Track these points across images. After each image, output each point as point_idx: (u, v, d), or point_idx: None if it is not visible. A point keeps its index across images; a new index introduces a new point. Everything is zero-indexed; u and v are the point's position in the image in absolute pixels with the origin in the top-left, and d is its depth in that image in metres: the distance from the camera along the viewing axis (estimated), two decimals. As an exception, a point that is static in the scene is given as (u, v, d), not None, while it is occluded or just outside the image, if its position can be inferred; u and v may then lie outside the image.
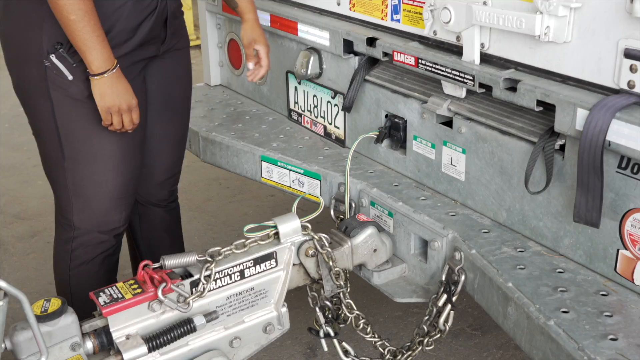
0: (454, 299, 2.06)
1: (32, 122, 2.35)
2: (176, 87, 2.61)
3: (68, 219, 2.41)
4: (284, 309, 2.11)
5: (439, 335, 2.15)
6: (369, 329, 2.25)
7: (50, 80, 2.20)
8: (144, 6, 2.26)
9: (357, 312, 2.22)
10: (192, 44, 9.12)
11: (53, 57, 2.17)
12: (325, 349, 2.28)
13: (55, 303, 1.81)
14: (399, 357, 2.26)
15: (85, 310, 1.95)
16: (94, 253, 2.45)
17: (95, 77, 2.15)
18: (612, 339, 1.65)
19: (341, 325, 2.29)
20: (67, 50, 2.16)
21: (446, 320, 2.11)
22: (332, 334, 2.26)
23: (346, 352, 2.30)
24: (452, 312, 2.09)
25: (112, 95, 2.18)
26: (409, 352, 2.24)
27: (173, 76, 2.57)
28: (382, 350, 2.29)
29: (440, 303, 2.08)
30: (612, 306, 1.78)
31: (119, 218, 2.44)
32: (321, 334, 2.26)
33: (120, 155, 2.35)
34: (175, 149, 2.70)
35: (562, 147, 1.92)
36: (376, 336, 2.27)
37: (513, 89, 1.96)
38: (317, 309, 2.25)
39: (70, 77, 2.19)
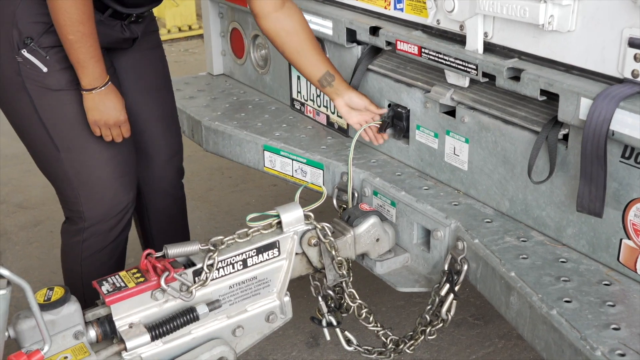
0: (456, 288, 2.06)
1: (15, 121, 2.35)
2: (149, 66, 2.62)
3: (78, 211, 2.40)
4: (287, 298, 2.11)
5: (441, 324, 2.15)
6: (371, 318, 2.25)
7: (24, 75, 2.22)
8: (110, 28, 2.34)
9: (360, 301, 2.22)
10: (194, 33, 9.05)
11: (25, 52, 2.19)
12: (328, 338, 2.29)
13: (58, 292, 1.82)
14: (401, 346, 2.27)
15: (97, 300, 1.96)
16: (106, 241, 2.45)
17: (84, 92, 2.23)
18: (614, 329, 1.65)
19: (344, 315, 2.29)
20: (39, 44, 2.18)
21: (449, 310, 2.11)
22: (334, 323, 2.26)
23: (349, 341, 2.31)
24: (454, 301, 2.09)
25: (99, 110, 2.24)
26: (411, 342, 2.25)
27: (143, 57, 2.58)
28: (384, 340, 2.29)
29: (443, 292, 2.08)
30: (614, 296, 1.78)
31: (127, 197, 2.45)
32: (324, 323, 2.26)
33: None
34: (167, 126, 2.70)
35: (566, 137, 1.92)
36: (378, 325, 2.28)
37: (516, 78, 1.96)
38: (320, 298, 2.25)
39: (44, 70, 2.21)
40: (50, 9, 2.11)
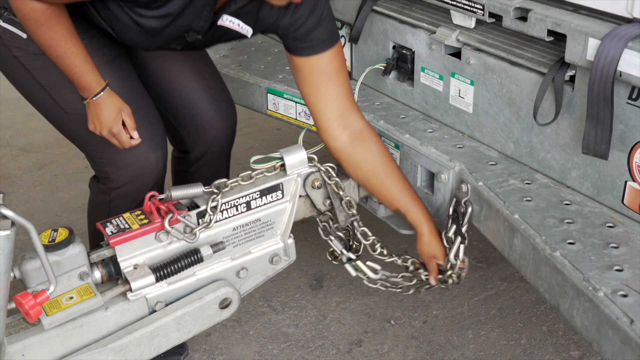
0: (463, 229, 2.06)
1: (20, 90, 2.32)
2: None
3: (104, 171, 2.32)
4: (290, 240, 2.12)
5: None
6: (386, 252, 2.22)
7: (8, 44, 2.19)
8: None
9: (373, 237, 2.21)
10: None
11: (1, 22, 2.16)
12: (353, 274, 2.25)
13: (62, 233, 1.82)
14: (420, 270, 2.25)
15: None
16: (135, 202, 2.27)
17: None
18: (617, 270, 1.66)
19: (357, 254, 2.27)
20: (13, 12, 2.14)
21: (456, 255, 2.11)
22: (353, 257, 2.24)
23: (375, 271, 2.28)
24: (462, 245, 2.10)
25: (91, 119, 2.17)
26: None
27: None
28: (405, 265, 2.27)
29: (450, 234, 2.09)
30: (618, 238, 1.78)
31: (155, 157, 2.29)
32: (344, 259, 2.24)
33: (116, 87, 2.23)
34: (203, 85, 2.51)
35: (572, 78, 1.90)
36: (394, 256, 2.26)
37: (523, 18, 1.93)
38: (332, 238, 2.23)
39: (24, 36, 2.16)
40: None
